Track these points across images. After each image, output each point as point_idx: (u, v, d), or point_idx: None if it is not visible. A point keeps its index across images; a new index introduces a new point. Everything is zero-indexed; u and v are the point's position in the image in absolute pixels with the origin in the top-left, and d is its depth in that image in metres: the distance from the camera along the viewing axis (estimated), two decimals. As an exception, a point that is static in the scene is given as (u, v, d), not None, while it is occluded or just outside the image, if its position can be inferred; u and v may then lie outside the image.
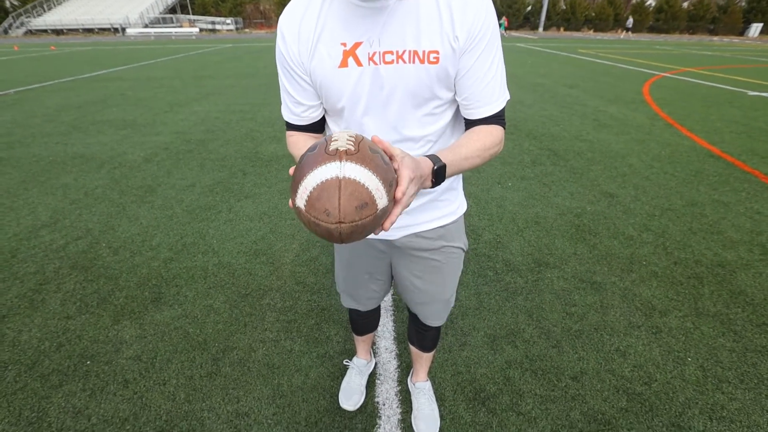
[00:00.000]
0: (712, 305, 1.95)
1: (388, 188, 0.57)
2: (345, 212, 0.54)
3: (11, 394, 1.49)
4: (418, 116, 0.83)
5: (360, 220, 0.55)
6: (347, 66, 0.78)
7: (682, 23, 41.09)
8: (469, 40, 0.75)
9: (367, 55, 0.77)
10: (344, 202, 0.53)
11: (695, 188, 3.23)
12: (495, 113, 0.83)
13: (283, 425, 1.39)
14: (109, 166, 3.73)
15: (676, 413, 1.42)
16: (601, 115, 5.61)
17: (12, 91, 7.58)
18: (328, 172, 0.54)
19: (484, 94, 0.81)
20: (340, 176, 0.53)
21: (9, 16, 37.14)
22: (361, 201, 0.54)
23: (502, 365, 1.62)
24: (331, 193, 0.53)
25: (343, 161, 0.54)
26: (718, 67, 11.48)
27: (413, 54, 0.76)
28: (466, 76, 0.79)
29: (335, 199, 0.53)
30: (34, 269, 2.20)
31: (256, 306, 1.95)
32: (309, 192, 0.55)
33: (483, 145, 0.80)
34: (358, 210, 0.54)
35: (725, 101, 6.56)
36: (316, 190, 0.54)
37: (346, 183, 0.53)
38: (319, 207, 0.54)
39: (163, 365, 1.62)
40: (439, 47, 0.75)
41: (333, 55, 0.78)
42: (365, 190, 0.54)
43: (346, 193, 0.53)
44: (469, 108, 0.83)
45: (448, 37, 0.75)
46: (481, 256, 2.34)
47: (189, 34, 34.15)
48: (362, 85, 0.79)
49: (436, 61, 0.76)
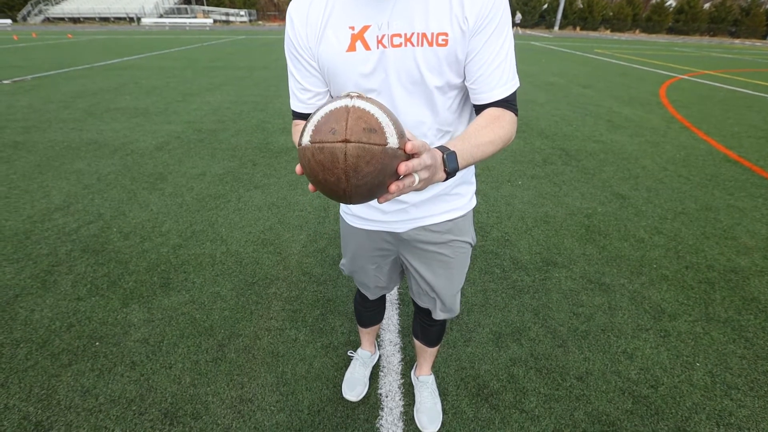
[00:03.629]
0: (723, 311, 1.91)
1: (399, 134, 0.53)
2: (352, 130, 0.50)
3: (22, 371, 1.52)
4: (426, 102, 0.82)
5: (368, 143, 0.51)
6: (355, 50, 0.77)
7: (703, 25, 40.18)
8: (479, 21, 0.73)
9: (375, 38, 0.75)
10: (351, 122, 0.50)
11: (710, 192, 3.16)
12: (505, 97, 0.80)
13: (286, 412, 1.40)
14: (121, 153, 3.77)
15: (682, 418, 1.40)
16: (615, 116, 5.52)
17: (29, 77, 7.70)
18: (337, 104, 0.52)
19: (493, 78, 0.78)
20: (349, 105, 0.52)
21: (28, 3, 37.69)
22: (369, 125, 0.51)
23: (507, 362, 1.61)
24: (338, 116, 0.51)
25: (354, 99, 0.53)
26: (739, 71, 11.21)
27: (422, 36, 0.74)
28: (475, 59, 0.77)
29: (342, 121, 0.51)
30: (47, 251, 2.25)
31: (262, 295, 1.97)
32: (315, 123, 0.52)
33: (494, 132, 0.75)
34: (366, 132, 0.50)
35: (744, 105, 6.41)
36: (323, 118, 0.52)
37: (355, 110, 0.51)
38: (324, 129, 0.51)
39: (169, 349, 1.64)
40: (448, 29, 0.74)
41: (341, 38, 0.77)
42: (374, 119, 0.51)
43: (354, 116, 0.51)
44: (478, 92, 0.80)
45: (457, 18, 0.73)
46: (489, 254, 2.33)
47: (203, 24, 34.32)
48: (370, 69, 0.78)
49: (445, 43, 0.75)
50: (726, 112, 5.86)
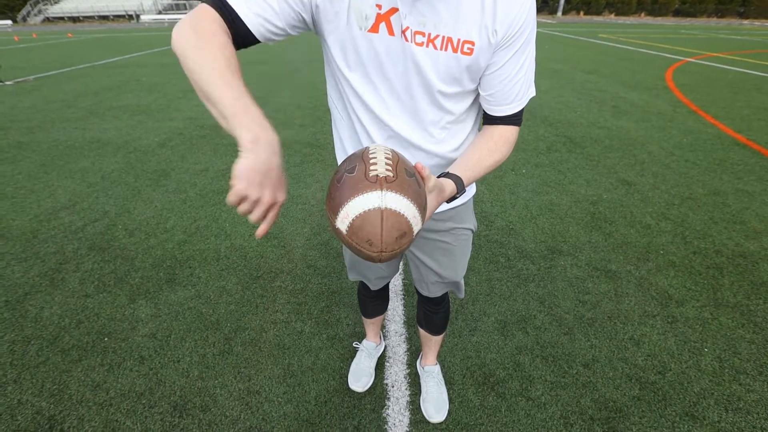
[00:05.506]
0: (731, 296, 1.89)
1: (422, 214, 0.61)
2: (386, 242, 0.57)
3: (34, 367, 1.55)
4: (437, 100, 0.80)
5: (399, 248, 0.59)
6: (377, 32, 0.72)
7: (710, 6, 39.24)
8: (508, 36, 0.71)
9: (400, 26, 0.71)
10: (386, 233, 0.57)
11: (718, 177, 3.11)
12: (515, 112, 0.81)
13: (293, 404, 1.41)
14: (124, 151, 3.78)
15: (690, 403, 1.40)
16: (621, 101, 5.43)
17: (31, 77, 7.72)
18: (370, 202, 0.56)
19: (510, 93, 0.78)
20: (382, 207, 0.56)
21: (27, 4, 37.69)
22: (401, 231, 0.58)
23: (513, 351, 1.61)
24: (373, 224, 0.56)
25: (384, 191, 0.56)
26: (747, 52, 10.96)
27: (446, 41, 0.71)
28: (495, 73, 0.75)
29: (378, 231, 0.57)
30: (54, 249, 2.27)
31: (267, 288, 1.97)
32: (351, 219, 0.57)
33: (500, 153, 0.81)
34: (398, 240, 0.58)
35: (753, 87, 6.28)
36: (359, 219, 0.57)
37: (388, 214, 0.56)
38: (362, 236, 0.57)
39: (177, 343, 1.65)
40: (475, 38, 0.71)
41: (369, 16, 0.70)
42: (405, 221, 0.57)
43: (387, 224, 0.56)
44: (491, 104, 0.81)
45: (487, 29, 0.70)
46: (493, 243, 2.32)
47: (202, 20, 34.10)
48: (387, 54, 0.74)
49: (470, 52, 0.72)
50: (735, 95, 5.74)
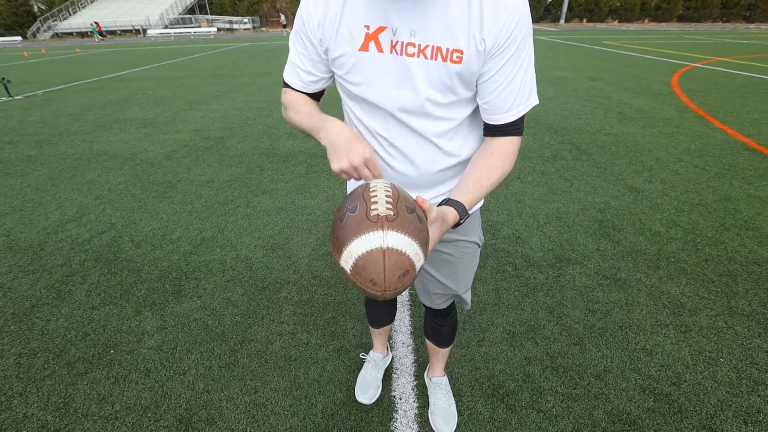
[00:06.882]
0: (746, 304, 1.84)
1: (424, 249, 0.61)
2: (390, 282, 0.58)
3: (40, 380, 1.54)
4: (433, 110, 0.80)
5: (402, 286, 0.60)
6: (368, 50, 0.75)
7: (715, 11, 39.19)
8: (497, 46, 0.71)
9: (390, 42, 0.74)
10: (389, 273, 0.58)
11: (728, 182, 3.07)
12: (513, 121, 0.79)
13: (299, 416, 1.39)
14: (131, 163, 3.83)
15: (707, 415, 1.35)
16: (626, 107, 5.41)
17: (40, 92, 7.88)
18: (372, 242, 0.57)
19: (505, 102, 0.77)
20: (384, 247, 0.57)
21: (37, 20, 38.67)
22: (403, 269, 0.58)
23: (522, 362, 1.58)
24: (376, 264, 0.57)
25: (386, 230, 0.57)
26: (755, 56, 10.91)
27: (436, 50, 0.72)
28: (489, 81, 0.75)
29: (380, 270, 0.57)
30: (61, 261, 2.28)
31: (273, 299, 1.96)
32: (354, 260, 0.58)
33: (503, 168, 0.83)
34: (401, 278, 0.59)
35: (762, 91, 6.23)
36: (362, 259, 0.58)
37: (390, 254, 0.57)
38: (365, 276, 0.58)
39: (183, 356, 1.64)
40: (464, 47, 0.71)
41: (356, 36, 0.75)
42: (407, 259, 0.58)
43: (390, 264, 0.57)
44: (489, 113, 0.80)
45: (474, 38, 0.71)
46: (500, 252, 2.29)
47: (207, 33, 34.77)
48: (380, 71, 0.77)
49: (459, 60, 0.72)
50: (743, 99, 5.70)
